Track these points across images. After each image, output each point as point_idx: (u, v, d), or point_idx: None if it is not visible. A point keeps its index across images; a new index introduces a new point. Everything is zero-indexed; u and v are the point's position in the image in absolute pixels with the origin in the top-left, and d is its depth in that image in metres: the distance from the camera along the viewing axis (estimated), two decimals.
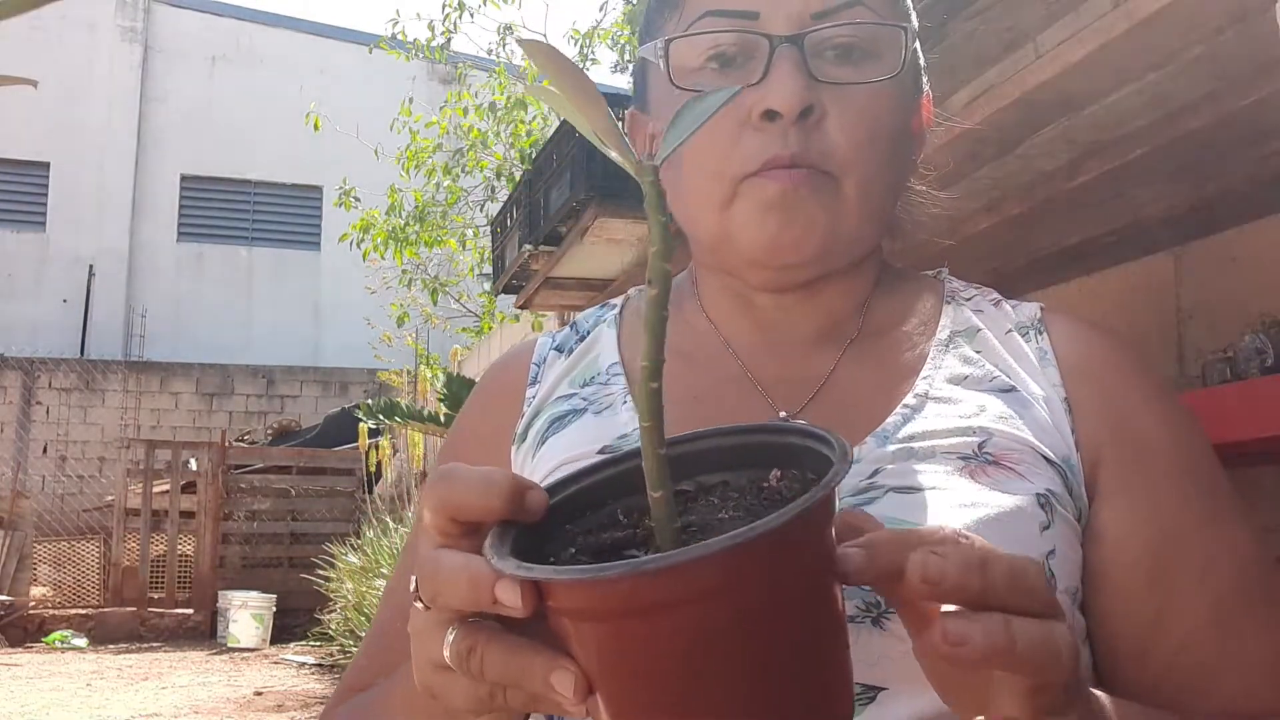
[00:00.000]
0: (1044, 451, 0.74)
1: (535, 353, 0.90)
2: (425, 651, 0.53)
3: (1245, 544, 0.74)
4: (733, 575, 0.44)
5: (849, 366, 0.81)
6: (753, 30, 0.76)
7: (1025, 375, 0.78)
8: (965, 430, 0.74)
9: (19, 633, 9.42)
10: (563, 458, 0.80)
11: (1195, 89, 1.69)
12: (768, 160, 0.74)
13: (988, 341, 0.81)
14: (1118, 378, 0.79)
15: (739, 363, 0.83)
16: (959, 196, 2.22)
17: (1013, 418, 0.75)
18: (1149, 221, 2.29)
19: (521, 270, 3.87)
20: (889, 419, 0.76)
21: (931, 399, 0.77)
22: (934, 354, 0.80)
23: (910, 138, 0.82)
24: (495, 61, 9.40)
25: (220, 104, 16.08)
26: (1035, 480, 0.72)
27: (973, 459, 0.73)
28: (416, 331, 9.85)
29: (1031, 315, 0.83)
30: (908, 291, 0.86)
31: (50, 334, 14.52)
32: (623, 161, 0.47)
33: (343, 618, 6.85)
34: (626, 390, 0.83)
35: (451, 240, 9.15)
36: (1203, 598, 0.72)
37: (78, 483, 12.65)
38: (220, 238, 16.15)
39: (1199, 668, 0.71)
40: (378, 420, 6.37)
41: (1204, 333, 2.41)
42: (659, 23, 0.83)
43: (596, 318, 0.91)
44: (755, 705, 0.45)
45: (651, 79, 0.84)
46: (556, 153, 3.44)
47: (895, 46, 0.78)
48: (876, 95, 0.77)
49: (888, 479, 0.72)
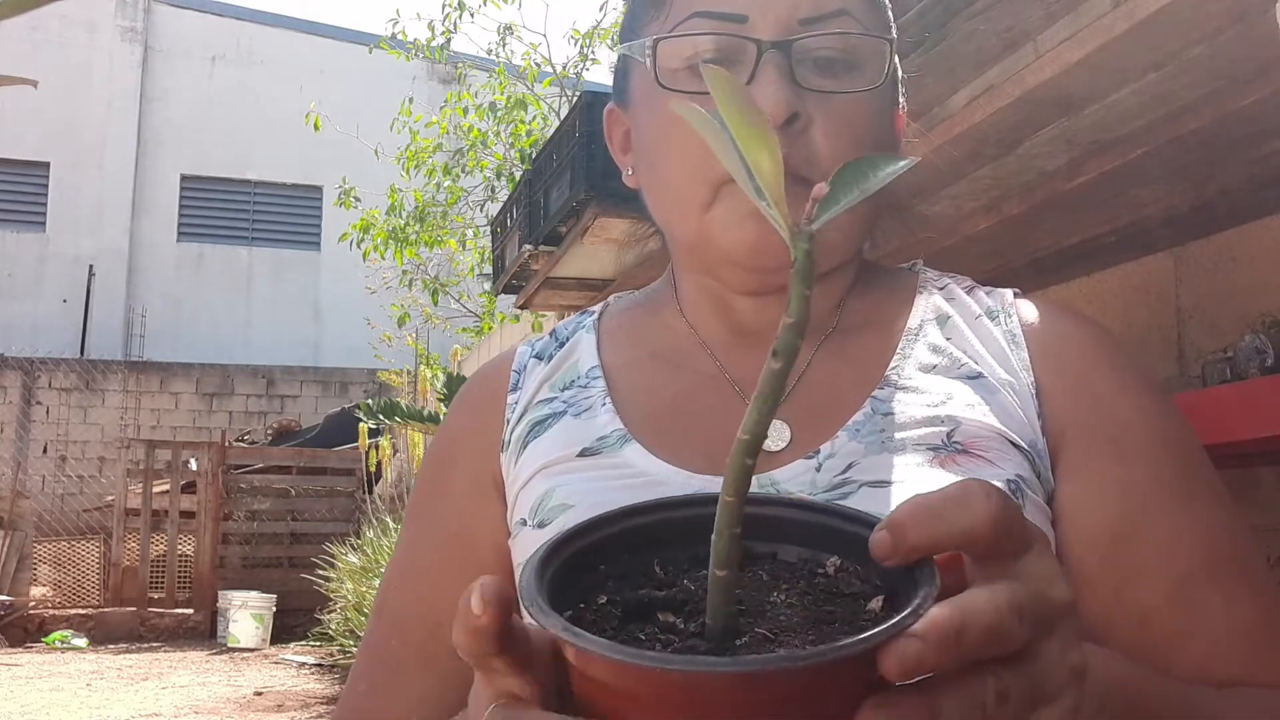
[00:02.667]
0: (1011, 437, 0.74)
1: (516, 360, 0.90)
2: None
3: (1218, 523, 0.74)
4: (806, 690, 0.41)
5: (823, 362, 0.81)
6: (740, 34, 0.76)
7: (993, 360, 0.79)
8: (933, 420, 0.75)
9: (19, 633, 9.41)
10: (543, 461, 0.80)
11: (1195, 89, 1.69)
12: None
13: (957, 328, 0.81)
14: (1088, 359, 0.79)
15: (715, 363, 0.83)
16: (959, 196, 2.22)
17: (980, 405, 0.76)
18: (1149, 221, 2.29)
19: (521, 270, 3.87)
20: (859, 413, 0.76)
21: (900, 388, 0.77)
22: (904, 343, 0.81)
23: (889, 147, 0.83)
24: (495, 61, 9.39)
25: (220, 104, 16.08)
26: (1004, 466, 0.73)
27: (942, 449, 0.73)
28: (416, 331, 9.85)
29: (1003, 300, 0.83)
30: (882, 285, 0.87)
31: (50, 334, 14.52)
32: (772, 219, 0.41)
33: (343, 618, 6.85)
34: (605, 392, 0.83)
35: (451, 240, 9.16)
36: (1165, 573, 0.72)
37: (78, 483, 12.65)
38: (220, 238, 16.15)
39: (1160, 642, 0.71)
40: (378, 420, 6.36)
41: (1204, 333, 2.41)
42: (643, 20, 0.83)
43: (576, 324, 0.91)
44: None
45: (634, 77, 0.84)
46: (556, 153, 3.44)
47: (878, 57, 0.78)
48: (860, 105, 0.77)
49: (860, 474, 0.73)
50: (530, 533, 0.78)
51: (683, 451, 0.77)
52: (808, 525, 0.50)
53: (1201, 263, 2.45)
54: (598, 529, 0.50)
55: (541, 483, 0.79)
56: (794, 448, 0.76)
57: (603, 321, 0.91)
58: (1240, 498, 2.14)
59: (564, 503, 0.76)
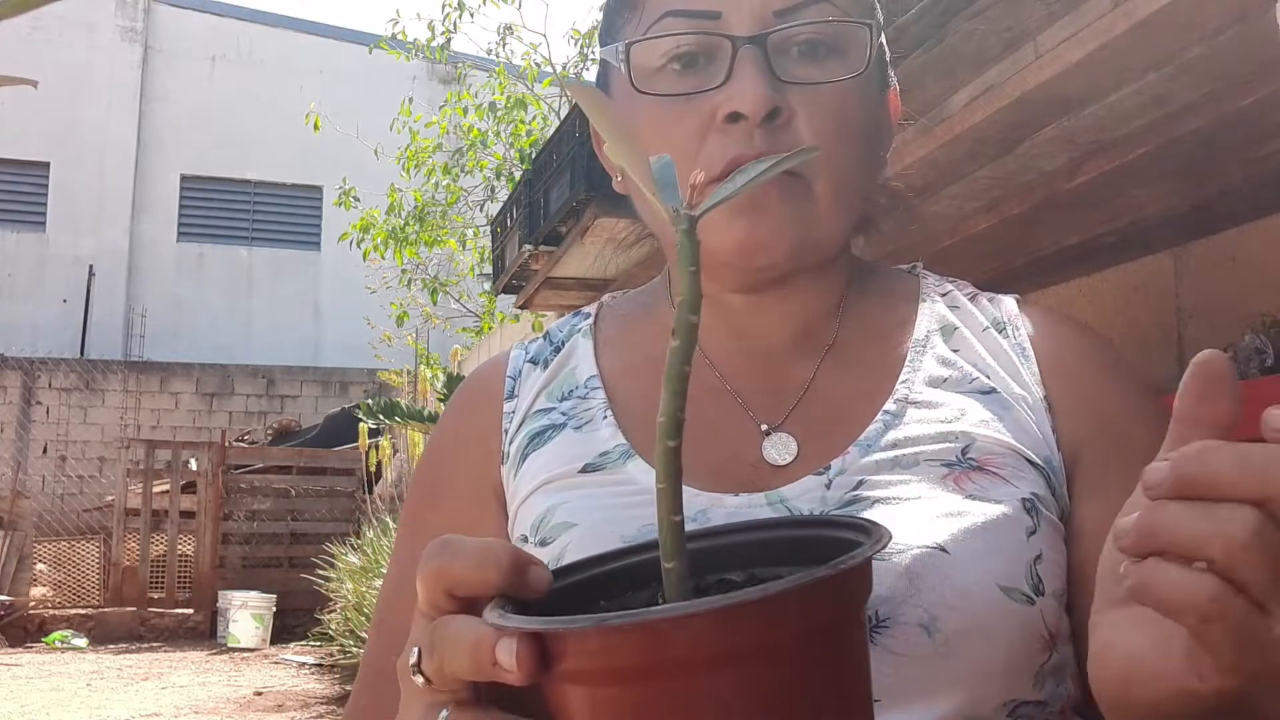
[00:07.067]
0: (1027, 454, 0.73)
1: (509, 365, 0.87)
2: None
3: None
4: (769, 630, 0.41)
5: (828, 374, 0.79)
6: (714, 31, 0.74)
7: (1004, 375, 0.77)
8: (947, 436, 0.73)
9: (19, 633, 9.42)
10: (544, 476, 0.78)
11: (1195, 89, 1.69)
12: (731, 160, 0.72)
13: (965, 339, 0.80)
14: (1096, 375, 0.78)
15: (716, 374, 0.81)
16: (959, 196, 2.22)
17: (994, 421, 0.74)
18: (1149, 221, 2.29)
19: (521, 270, 3.87)
20: (870, 427, 0.75)
21: (911, 403, 0.76)
22: (911, 355, 0.79)
23: (880, 132, 0.81)
24: (495, 61, 9.40)
25: (220, 104, 16.08)
26: (1020, 485, 0.71)
27: (956, 465, 0.72)
28: (416, 331, 9.86)
29: (1008, 311, 0.82)
30: (883, 290, 0.85)
31: (50, 334, 14.52)
32: (657, 206, 0.45)
33: (343, 618, 6.85)
34: (606, 404, 0.81)
35: (451, 240, 9.16)
36: None
37: (78, 483, 12.65)
38: (220, 238, 16.15)
39: None
40: (378, 420, 6.37)
41: (1204, 333, 2.41)
42: (619, 23, 0.81)
43: (571, 327, 0.89)
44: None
45: (614, 80, 0.82)
46: (556, 153, 3.44)
47: (861, 43, 0.76)
48: (844, 93, 0.75)
49: (872, 490, 0.71)
50: (531, 550, 0.76)
51: (687, 467, 0.75)
52: (806, 540, 0.51)
53: (1201, 263, 2.44)
54: (594, 566, 0.51)
55: (543, 499, 0.77)
56: (802, 462, 0.75)
57: (599, 325, 0.88)
58: None
59: (566, 521, 0.74)
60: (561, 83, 0.97)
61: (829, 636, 0.43)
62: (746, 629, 0.40)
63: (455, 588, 0.48)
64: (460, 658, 0.45)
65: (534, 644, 0.43)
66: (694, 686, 0.41)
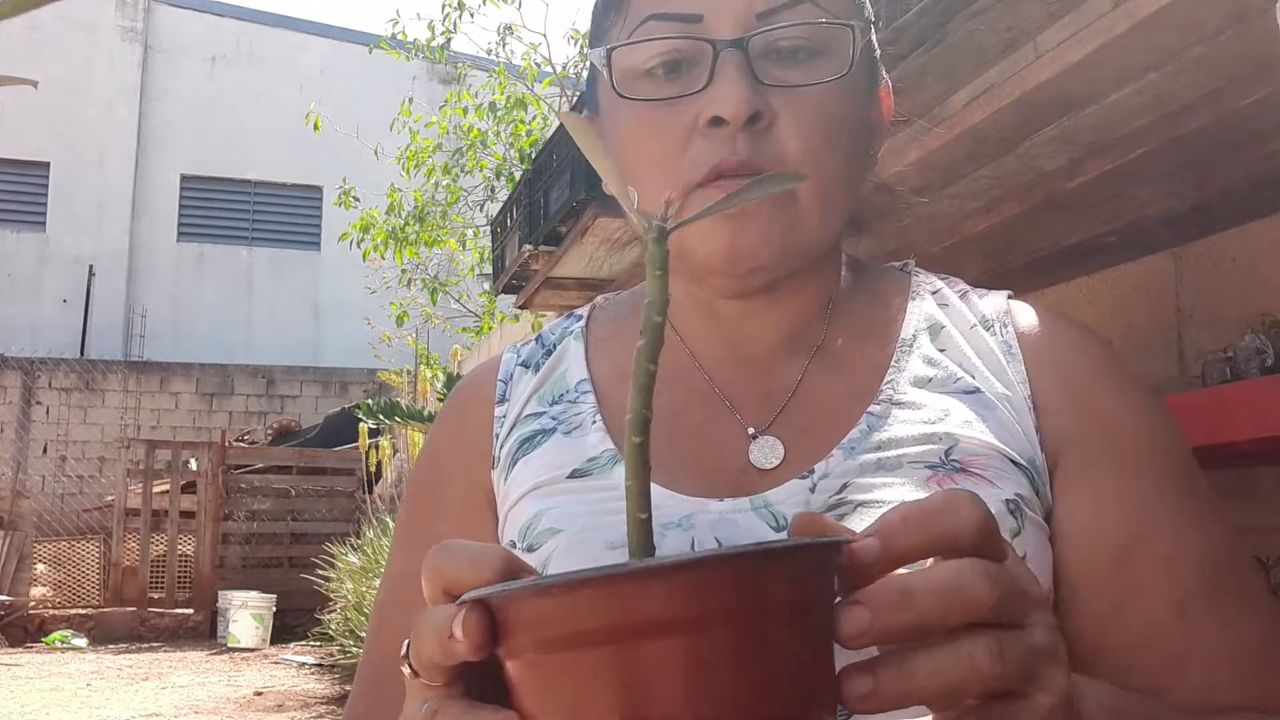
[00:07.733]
0: (1010, 455, 0.73)
1: (501, 369, 0.87)
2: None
3: (1218, 539, 0.73)
4: (706, 598, 0.40)
5: (816, 376, 0.79)
6: (696, 35, 0.74)
7: (989, 374, 0.77)
8: (931, 437, 0.73)
9: (19, 633, 9.42)
10: (533, 482, 0.78)
11: (1195, 89, 1.69)
12: (714, 165, 0.72)
13: (951, 338, 0.79)
14: (1087, 371, 0.77)
15: (705, 377, 0.81)
16: (958, 196, 2.22)
17: (977, 421, 0.74)
18: (1149, 221, 2.29)
19: (521, 270, 3.87)
20: (854, 429, 0.74)
21: (896, 404, 0.75)
22: (898, 355, 0.79)
23: (868, 131, 0.80)
24: (495, 61, 9.40)
25: (220, 104, 16.09)
26: (1003, 486, 0.71)
27: (940, 467, 0.72)
28: (416, 331, 9.86)
29: (997, 307, 0.81)
30: (872, 289, 0.84)
31: (50, 334, 14.52)
32: (633, 220, 0.47)
33: (343, 618, 6.85)
34: (596, 409, 0.81)
35: (451, 240, 9.16)
36: (1166, 591, 0.70)
37: (78, 483, 12.65)
38: (220, 238, 16.16)
39: (1160, 663, 0.70)
40: (378, 420, 6.37)
41: (1204, 333, 2.41)
42: (604, 26, 0.81)
43: (563, 329, 0.88)
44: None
45: (600, 85, 0.82)
46: (556, 153, 3.44)
47: (845, 43, 0.75)
48: (829, 94, 0.74)
49: (856, 494, 0.71)
50: (519, 555, 0.76)
51: (675, 473, 0.75)
52: None
53: (1201, 263, 2.44)
54: None
55: (531, 505, 0.77)
56: (788, 465, 0.75)
57: (591, 328, 0.88)
58: (1240, 498, 2.14)
59: (553, 527, 0.74)
60: (560, 117, 0.95)
61: (785, 614, 0.43)
62: (683, 594, 0.40)
63: (451, 587, 0.49)
64: (430, 640, 0.47)
65: (481, 613, 0.44)
66: (641, 652, 0.41)
